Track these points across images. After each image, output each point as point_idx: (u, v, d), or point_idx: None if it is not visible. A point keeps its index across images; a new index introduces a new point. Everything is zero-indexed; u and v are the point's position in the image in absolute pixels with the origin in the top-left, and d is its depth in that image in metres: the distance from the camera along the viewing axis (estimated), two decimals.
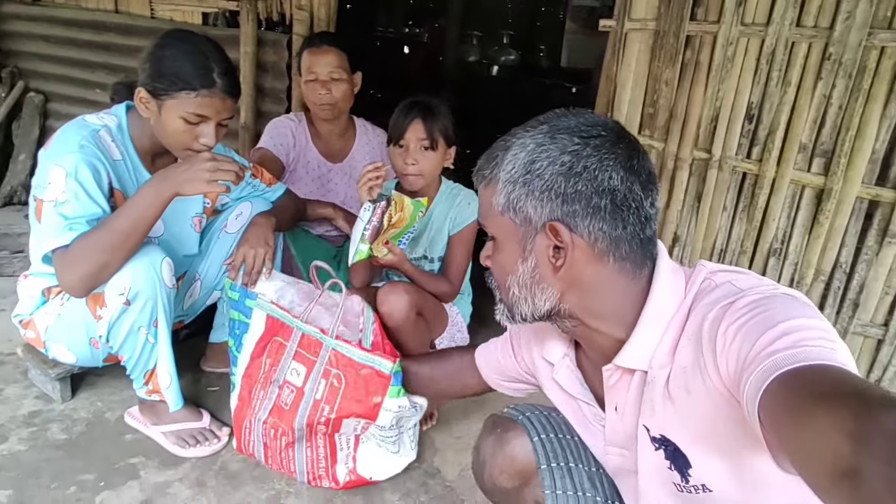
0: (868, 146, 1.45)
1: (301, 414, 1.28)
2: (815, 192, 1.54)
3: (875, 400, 0.46)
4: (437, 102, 1.69)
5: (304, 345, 1.31)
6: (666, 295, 0.77)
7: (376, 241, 1.47)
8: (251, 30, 2.35)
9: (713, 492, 0.76)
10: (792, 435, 0.51)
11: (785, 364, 0.56)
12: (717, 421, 0.70)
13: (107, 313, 1.39)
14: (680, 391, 0.74)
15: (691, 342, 0.73)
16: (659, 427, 0.78)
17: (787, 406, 0.54)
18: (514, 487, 1.02)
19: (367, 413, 1.26)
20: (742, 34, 1.54)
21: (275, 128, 2.03)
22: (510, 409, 1.05)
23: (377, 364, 1.24)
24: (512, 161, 0.77)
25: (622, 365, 0.79)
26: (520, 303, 0.81)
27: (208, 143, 1.41)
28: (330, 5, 2.31)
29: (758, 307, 0.66)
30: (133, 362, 1.48)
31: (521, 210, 0.77)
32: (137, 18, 2.66)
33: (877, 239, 1.49)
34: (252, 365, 1.39)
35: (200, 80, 1.35)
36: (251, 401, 1.37)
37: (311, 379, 1.28)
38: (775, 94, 1.53)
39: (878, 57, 1.42)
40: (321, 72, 1.90)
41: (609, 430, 0.87)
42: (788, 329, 0.61)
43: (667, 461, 0.79)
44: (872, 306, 1.52)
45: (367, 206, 1.46)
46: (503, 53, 6.19)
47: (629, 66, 1.71)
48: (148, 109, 1.40)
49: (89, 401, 1.73)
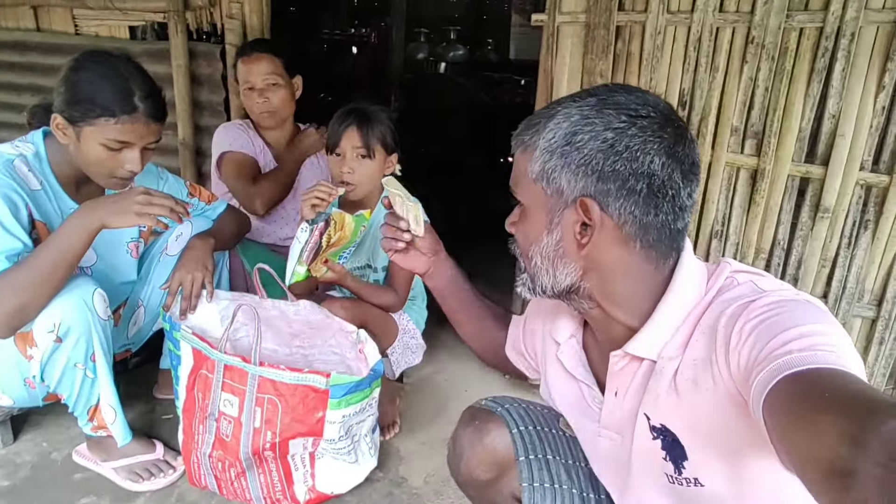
0: (795, 125, 1.49)
1: (244, 444, 1.25)
2: (749, 173, 1.58)
3: (878, 405, 0.47)
4: (376, 109, 1.67)
5: (229, 375, 1.28)
6: (686, 288, 0.77)
7: (314, 262, 1.44)
8: (181, 42, 2.27)
9: (704, 486, 0.77)
10: (793, 433, 0.52)
11: (795, 365, 0.57)
12: (720, 417, 0.71)
13: (37, 353, 1.32)
14: (687, 384, 0.74)
15: (705, 336, 0.73)
16: (660, 417, 0.78)
17: (791, 406, 0.55)
18: (491, 479, 1.01)
19: (311, 431, 1.23)
20: (669, 23, 1.57)
21: (228, 131, 1.97)
22: (488, 402, 1.04)
23: (310, 381, 1.22)
24: (553, 130, 0.75)
25: (632, 353, 0.79)
26: (541, 274, 0.81)
27: (133, 169, 1.35)
28: (262, 12, 2.25)
29: (777, 308, 0.66)
30: (73, 400, 1.41)
31: (554, 181, 0.75)
32: (61, 36, 2.54)
33: (810, 215, 1.54)
34: (188, 399, 1.36)
35: (120, 105, 1.28)
36: (194, 435, 1.33)
37: (246, 408, 1.25)
38: (705, 80, 1.56)
39: (798, 38, 1.46)
40: (256, 80, 1.86)
41: (605, 413, 0.87)
42: (804, 333, 0.61)
43: (663, 451, 0.79)
44: (811, 280, 1.57)
45: (304, 227, 1.43)
46: (451, 50, 6.18)
47: (564, 60, 1.72)
48: (66, 136, 1.33)
49: (34, 442, 1.65)
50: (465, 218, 3.17)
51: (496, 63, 6.21)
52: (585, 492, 0.97)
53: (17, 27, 2.62)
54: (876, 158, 1.45)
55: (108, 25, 2.47)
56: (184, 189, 1.70)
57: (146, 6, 2.36)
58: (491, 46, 6.74)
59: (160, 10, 2.32)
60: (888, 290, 1.51)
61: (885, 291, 1.51)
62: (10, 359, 1.37)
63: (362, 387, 1.27)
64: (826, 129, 1.47)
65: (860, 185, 1.47)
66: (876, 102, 1.41)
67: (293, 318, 1.44)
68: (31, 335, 1.31)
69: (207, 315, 1.43)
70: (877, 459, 0.42)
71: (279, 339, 1.47)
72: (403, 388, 2.01)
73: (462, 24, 6.87)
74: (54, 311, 1.29)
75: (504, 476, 1.01)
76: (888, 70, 1.38)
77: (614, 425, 0.87)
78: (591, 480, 0.99)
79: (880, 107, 1.41)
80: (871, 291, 1.54)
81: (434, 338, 1.99)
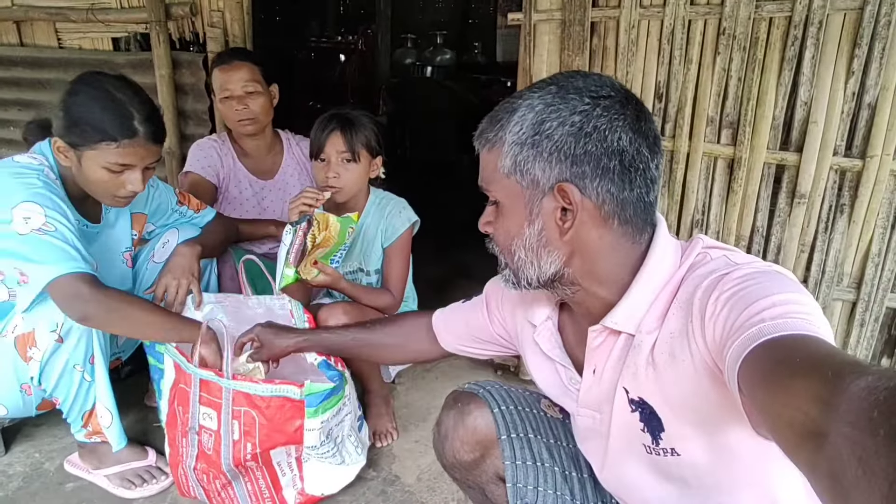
0: (769, 113, 1.52)
1: (225, 456, 1.26)
2: (726, 162, 1.60)
3: (846, 367, 0.48)
4: (358, 114, 1.68)
5: (205, 389, 1.27)
6: (662, 261, 0.79)
7: (303, 263, 1.45)
8: (164, 52, 2.28)
9: (681, 456, 0.79)
10: (767, 398, 0.54)
11: (767, 333, 0.59)
12: (696, 389, 0.72)
13: (38, 353, 1.34)
14: (665, 357, 0.75)
15: (682, 309, 0.75)
16: (638, 390, 0.80)
17: (765, 371, 0.56)
18: (475, 459, 1.03)
19: (291, 439, 1.24)
20: (642, 17, 1.59)
21: (199, 150, 1.98)
22: (470, 385, 1.06)
23: (284, 392, 1.22)
24: (519, 122, 0.76)
25: (611, 326, 0.81)
26: (525, 267, 0.81)
27: (135, 189, 1.37)
28: (244, 21, 2.27)
29: (750, 279, 0.68)
30: (69, 404, 1.42)
31: (528, 172, 0.76)
32: (44, 50, 2.55)
33: (787, 201, 1.56)
34: (170, 412, 1.36)
35: (121, 130, 1.30)
36: (178, 448, 1.34)
37: (223, 421, 1.25)
38: (679, 72, 1.59)
39: (768, 28, 1.48)
40: (235, 88, 1.87)
41: (583, 392, 0.89)
42: (776, 301, 0.63)
43: (641, 423, 0.81)
44: (791, 265, 1.59)
45: (288, 230, 1.44)
46: (438, 54, 6.22)
47: (542, 57, 1.74)
48: (67, 159, 1.35)
49: (25, 453, 1.66)
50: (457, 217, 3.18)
51: (484, 65, 6.25)
52: (567, 470, 0.99)
53: (1, 42, 2.63)
54: (849, 144, 1.48)
55: (90, 38, 2.48)
56: (173, 197, 1.71)
57: (128, 17, 2.37)
58: (478, 49, 6.78)
59: (142, 21, 2.33)
60: (866, 272, 1.53)
61: (864, 274, 1.53)
62: (8, 364, 1.37)
63: (337, 391, 1.27)
64: (799, 116, 1.50)
65: (834, 170, 1.50)
66: (846, 88, 1.44)
67: (280, 314, 1.45)
68: (33, 335, 1.33)
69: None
70: (846, 419, 0.42)
71: None
72: (395, 388, 2.02)
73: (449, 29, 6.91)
74: (56, 310, 1.30)
75: (488, 456, 1.03)
76: (856, 56, 1.41)
77: (592, 403, 0.88)
78: (573, 459, 1.01)
79: (850, 93, 1.44)
80: (849, 275, 1.56)
81: None
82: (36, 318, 1.34)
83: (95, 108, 1.30)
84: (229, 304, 1.46)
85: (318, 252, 1.50)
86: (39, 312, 1.34)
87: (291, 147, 2.09)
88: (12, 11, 2.56)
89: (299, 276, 1.46)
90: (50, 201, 1.29)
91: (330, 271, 1.54)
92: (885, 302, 1.54)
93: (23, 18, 2.56)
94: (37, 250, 1.26)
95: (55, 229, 1.27)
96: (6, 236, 1.27)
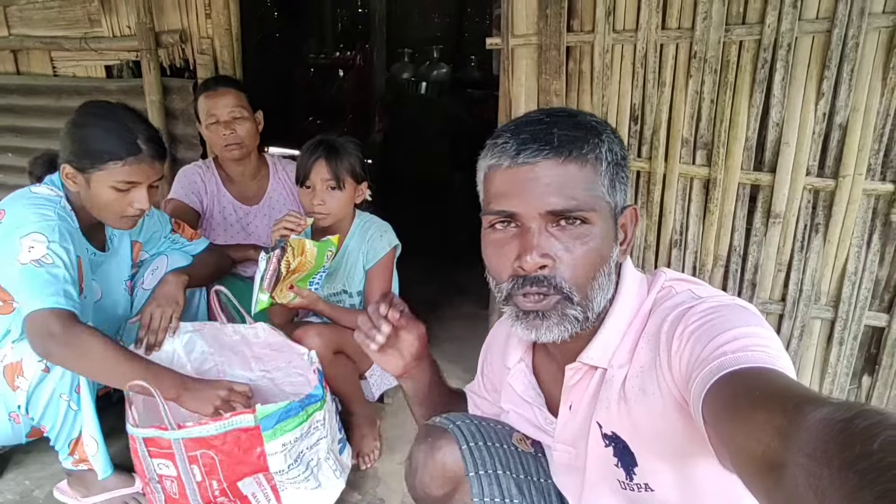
0: (742, 134, 1.54)
1: (193, 499, 1.27)
2: (702, 183, 1.62)
3: (805, 399, 0.49)
4: (344, 141, 1.71)
5: (152, 444, 1.27)
6: (630, 293, 0.80)
7: (278, 288, 1.47)
8: (155, 78, 2.33)
9: (654, 492, 0.80)
10: (728, 430, 0.55)
11: (729, 365, 0.61)
12: (666, 423, 0.73)
13: (24, 383, 1.37)
14: (635, 391, 0.76)
15: (650, 343, 0.76)
16: (611, 424, 0.81)
17: (727, 403, 0.57)
18: (445, 495, 1.03)
19: (256, 468, 1.25)
20: (616, 41, 1.62)
21: (184, 176, 2.02)
22: (442, 419, 1.06)
23: (237, 424, 1.22)
24: (613, 142, 0.78)
25: (587, 362, 0.81)
26: (598, 296, 0.77)
27: (142, 207, 1.43)
28: (233, 48, 2.31)
29: (713, 313, 0.70)
30: (56, 432, 1.44)
31: (616, 193, 0.78)
32: (39, 78, 2.61)
33: (762, 220, 1.57)
34: (136, 460, 1.36)
35: (126, 148, 1.38)
36: (148, 494, 1.36)
37: (181, 468, 1.26)
38: (654, 95, 1.61)
39: (738, 51, 1.51)
40: (221, 113, 1.90)
41: (559, 428, 0.89)
42: (737, 335, 0.65)
43: (615, 458, 0.82)
44: (769, 284, 1.60)
45: (262, 256, 1.47)
46: (434, 69, 6.27)
47: (520, 81, 1.77)
48: (76, 184, 1.41)
49: (15, 481, 1.67)
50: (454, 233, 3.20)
51: (480, 80, 6.28)
52: None
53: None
54: (821, 164, 1.49)
55: (84, 66, 2.53)
56: (168, 224, 1.74)
57: (120, 46, 2.42)
58: (473, 64, 6.83)
59: (133, 49, 2.38)
60: (843, 290, 1.53)
61: (841, 293, 1.54)
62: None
63: (293, 412, 1.26)
64: (771, 137, 1.51)
65: (808, 189, 1.51)
66: (817, 109, 1.46)
67: (254, 342, 1.47)
68: (21, 364, 1.36)
69: (171, 350, 1.46)
70: (803, 450, 0.43)
71: (244, 364, 1.50)
72: (383, 408, 2.03)
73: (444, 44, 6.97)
74: None
75: (457, 492, 1.03)
76: (825, 78, 1.43)
77: (568, 438, 0.89)
78: (542, 495, 1.02)
79: (821, 114, 1.45)
80: (827, 293, 1.57)
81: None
82: (24, 348, 1.37)
83: (100, 131, 1.38)
84: (207, 332, 1.48)
85: (294, 276, 1.52)
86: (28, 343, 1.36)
87: (277, 172, 2.12)
88: (9, 41, 2.63)
89: (273, 300, 1.48)
90: (58, 235, 1.34)
91: (306, 294, 1.56)
92: (863, 320, 1.54)
93: (19, 48, 2.62)
94: (28, 281, 1.30)
95: (52, 262, 1.31)
96: (11, 264, 1.32)
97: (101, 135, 1.37)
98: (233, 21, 2.27)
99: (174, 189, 2.01)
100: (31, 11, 2.57)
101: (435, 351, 1.18)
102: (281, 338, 1.45)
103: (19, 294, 1.32)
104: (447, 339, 2.54)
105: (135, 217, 1.46)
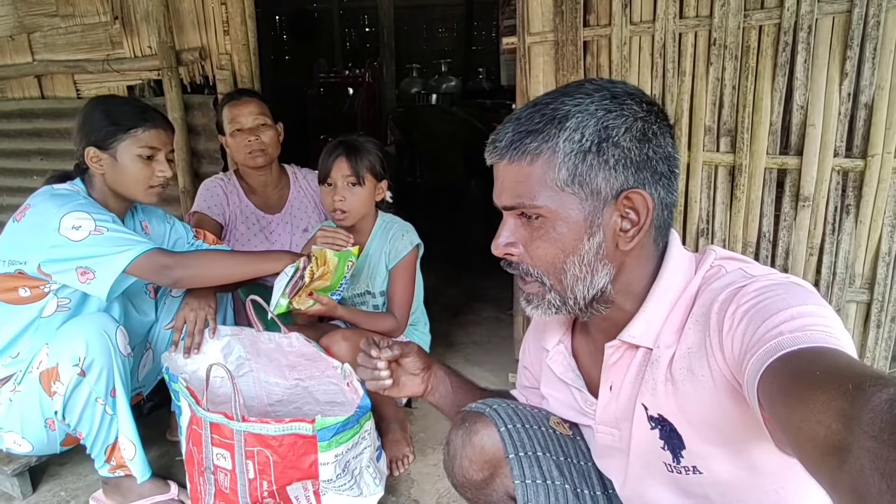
0: (766, 119, 1.53)
1: (241, 494, 1.28)
2: (727, 170, 1.61)
3: (867, 380, 0.47)
4: (363, 140, 1.74)
5: (216, 431, 1.30)
6: (676, 273, 0.78)
7: (298, 295, 1.48)
8: (176, 95, 2.38)
9: (703, 474, 0.77)
10: (787, 413, 0.53)
11: (786, 346, 0.58)
12: (716, 407, 0.71)
13: (61, 388, 1.39)
14: (683, 372, 0.74)
15: (699, 324, 0.74)
16: (657, 406, 0.79)
17: (785, 385, 0.55)
18: (484, 479, 1.02)
19: (306, 474, 1.25)
20: (633, 33, 1.62)
21: (206, 189, 2.04)
22: (478, 404, 1.05)
23: (295, 429, 1.23)
24: (579, 129, 0.72)
25: (629, 340, 0.79)
26: (577, 285, 0.77)
27: (166, 173, 1.52)
28: (251, 63, 2.36)
29: (767, 292, 0.67)
30: (93, 438, 1.46)
31: (590, 182, 0.73)
32: (64, 101, 2.68)
33: (791, 205, 1.56)
34: (188, 451, 1.38)
35: (142, 117, 1.49)
36: (197, 486, 1.36)
37: (238, 462, 1.27)
38: (674, 85, 1.61)
39: (759, 36, 1.50)
40: (246, 121, 1.93)
41: (601, 410, 0.88)
42: (794, 315, 0.62)
43: (661, 441, 0.80)
44: (801, 269, 1.58)
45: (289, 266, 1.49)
46: (444, 81, 6.34)
47: (537, 79, 1.78)
48: (102, 165, 1.48)
49: (52, 492, 1.68)
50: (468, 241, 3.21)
51: (489, 90, 6.35)
52: (579, 487, 0.98)
53: (24, 96, 2.76)
54: (849, 144, 1.47)
55: (107, 87, 2.59)
56: (189, 232, 1.77)
57: (141, 66, 2.48)
58: (482, 75, 6.91)
59: (154, 68, 2.44)
60: (878, 272, 1.51)
61: (876, 274, 1.51)
62: (34, 399, 1.43)
63: (350, 425, 1.27)
64: (796, 120, 1.50)
65: (836, 171, 1.49)
66: (841, 90, 1.44)
67: (288, 351, 1.48)
68: (57, 370, 1.38)
69: (211, 354, 1.47)
70: (868, 432, 0.42)
71: (279, 371, 1.50)
72: (412, 412, 2.02)
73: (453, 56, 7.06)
74: (79, 344, 1.37)
75: (497, 475, 1.02)
76: (848, 58, 1.42)
77: (610, 420, 0.88)
78: (584, 477, 1.00)
79: (846, 94, 1.44)
80: (861, 275, 1.54)
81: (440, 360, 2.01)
82: (59, 352, 1.39)
83: (114, 108, 1.50)
84: (245, 337, 1.49)
85: (318, 284, 1.53)
86: (63, 346, 1.39)
87: (298, 181, 2.15)
88: (34, 67, 2.70)
89: (291, 305, 1.49)
90: (96, 210, 1.42)
91: (325, 301, 1.56)
92: None
93: (43, 73, 2.70)
94: (101, 247, 1.37)
95: (108, 229, 1.39)
96: (57, 246, 1.36)
97: (116, 110, 1.48)
98: (250, 37, 2.32)
99: (197, 202, 2.03)
100: (54, 37, 2.65)
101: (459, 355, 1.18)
102: (313, 348, 1.45)
103: (97, 260, 1.37)
104: (469, 343, 2.55)
105: (160, 186, 1.53)
